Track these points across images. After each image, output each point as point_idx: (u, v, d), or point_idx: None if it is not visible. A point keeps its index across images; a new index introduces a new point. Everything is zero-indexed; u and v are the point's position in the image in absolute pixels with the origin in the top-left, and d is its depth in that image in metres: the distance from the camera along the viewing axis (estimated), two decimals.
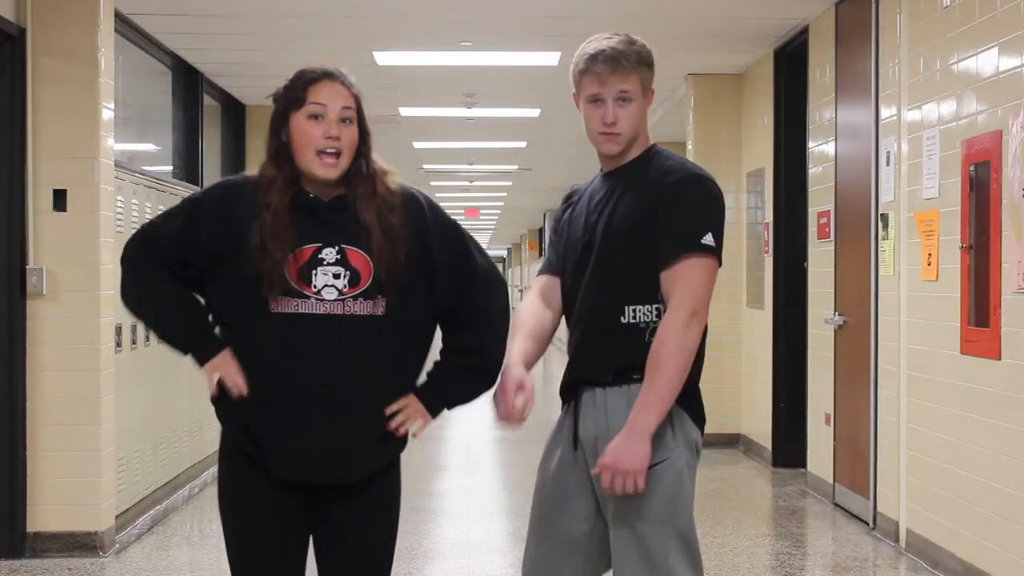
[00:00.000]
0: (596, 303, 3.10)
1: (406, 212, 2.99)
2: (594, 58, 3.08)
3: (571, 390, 3.18)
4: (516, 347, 3.13)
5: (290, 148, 2.94)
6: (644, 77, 3.12)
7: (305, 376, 2.86)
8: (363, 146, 2.99)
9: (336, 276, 2.89)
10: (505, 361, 3.05)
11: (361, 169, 2.97)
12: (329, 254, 2.90)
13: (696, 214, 3.06)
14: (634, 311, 3.06)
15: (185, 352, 3.00)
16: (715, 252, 3.04)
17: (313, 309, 2.87)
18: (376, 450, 2.96)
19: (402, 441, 3.02)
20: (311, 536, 3.03)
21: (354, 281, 2.90)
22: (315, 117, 2.92)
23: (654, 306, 3.06)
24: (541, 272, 3.30)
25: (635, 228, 3.05)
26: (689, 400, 3.14)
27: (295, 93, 2.95)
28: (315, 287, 2.88)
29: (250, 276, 2.87)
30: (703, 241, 3.02)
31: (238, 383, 2.89)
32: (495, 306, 3.09)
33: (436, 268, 2.99)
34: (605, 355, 3.09)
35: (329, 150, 2.91)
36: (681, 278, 3.00)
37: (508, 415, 3.07)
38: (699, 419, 3.19)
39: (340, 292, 2.89)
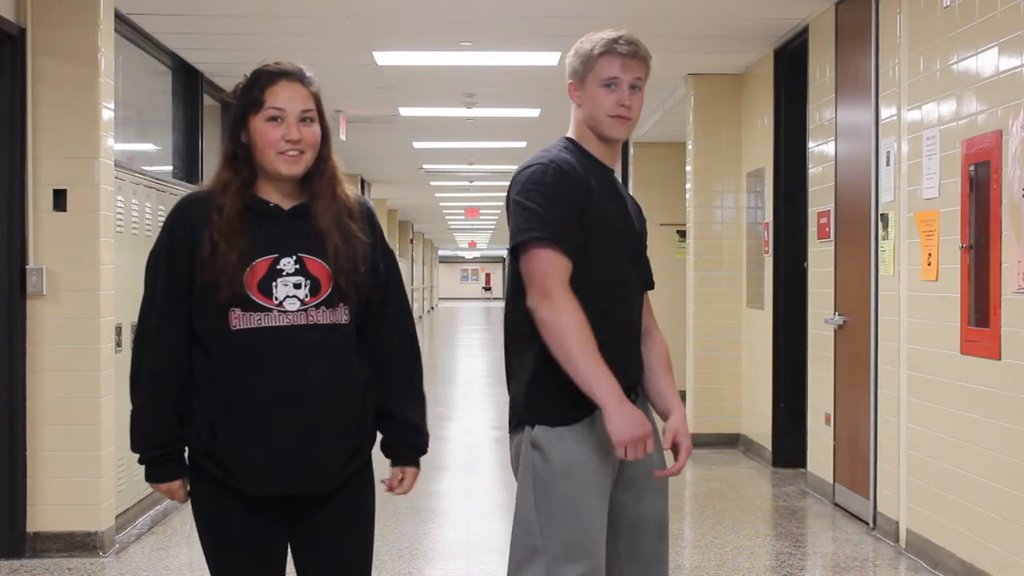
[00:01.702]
0: (639, 311, 3.22)
1: (363, 218, 2.97)
2: (615, 41, 3.11)
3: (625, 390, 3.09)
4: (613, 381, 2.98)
5: (250, 150, 2.89)
6: (648, 72, 3.17)
7: (271, 389, 2.82)
8: (324, 147, 2.95)
9: (297, 286, 2.84)
10: (612, 392, 2.94)
11: (320, 170, 2.93)
12: (288, 264, 2.85)
13: None
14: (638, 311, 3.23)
15: (140, 463, 2.99)
16: None
17: (276, 322, 2.83)
18: (346, 457, 2.92)
19: (370, 443, 3.00)
20: (289, 545, 3.00)
21: (315, 290, 2.85)
22: (274, 119, 2.87)
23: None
24: (555, 242, 3.01)
25: (644, 240, 3.29)
26: None
27: (252, 96, 2.89)
28: (276, 299, 2.83)
29: (207, 288, 2.81)
30: None
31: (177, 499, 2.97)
32: (409, 332, 3.07)
33: (377, 281, 2.97)
34: (638, 351, 3.23)
35: (291, 152, 2.87)
36: (650, 307, 3.30)
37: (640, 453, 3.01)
38: None
39: (302, 302, 2.84)
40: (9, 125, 6.09)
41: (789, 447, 8.62)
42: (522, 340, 3.10)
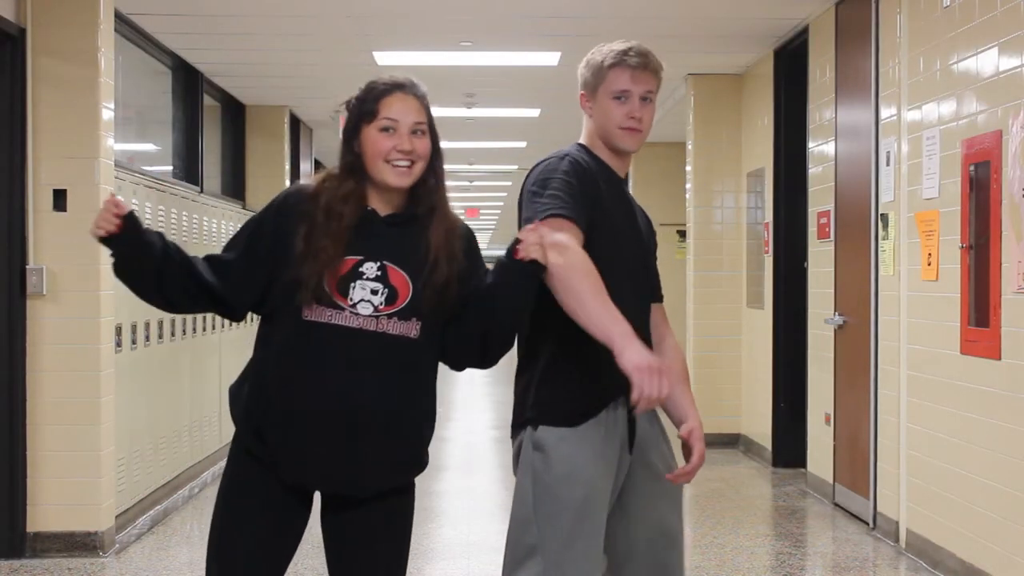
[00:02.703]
0: (647, 308, 3.23)
1: (464, 239, 3.00)
2: (625, 53, 3.11)
3: (621, 390, 3.01)
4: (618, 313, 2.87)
5: (362, 159, 2.93)
6: (659, 85, 3.19)
7: (325, 387, 2.85)
8: (435, 160, 2.98)
9: (374, 292, 2.87)
10: (624, 329, 2.83)
11: (429, 183, 2.96)
12: (370, 268, 2.88)
13: None
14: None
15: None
16: None
17: (345, 322, 2.85)
18: (389, 470, 2.94)
19: (419, 466, 3.01)
20: (326, 548, 3.01)
21: (391, 299, 2.87)
22: (386, 130, 2.92)
23: None
24: (571, 217, 2.96)
25: (653, 251, 3.33)
26: None
27: (367, 106, 2.95)
28: (351, 300, 2.85)
29: (292, 282, 2.85)
30: None
31: (100, 219, 2.84)
32: None
33: (470, 289, 2.96)
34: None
35: (401, 163, 2.90)
36: (666, 318, 3.35)
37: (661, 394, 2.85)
38: None
39: (375, 308, 2.86)
40: (9, 125, 6.09)
41: (789, 447, 8.62)
42: (534, 341, 3.11)
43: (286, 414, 2.87)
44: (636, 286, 3.15)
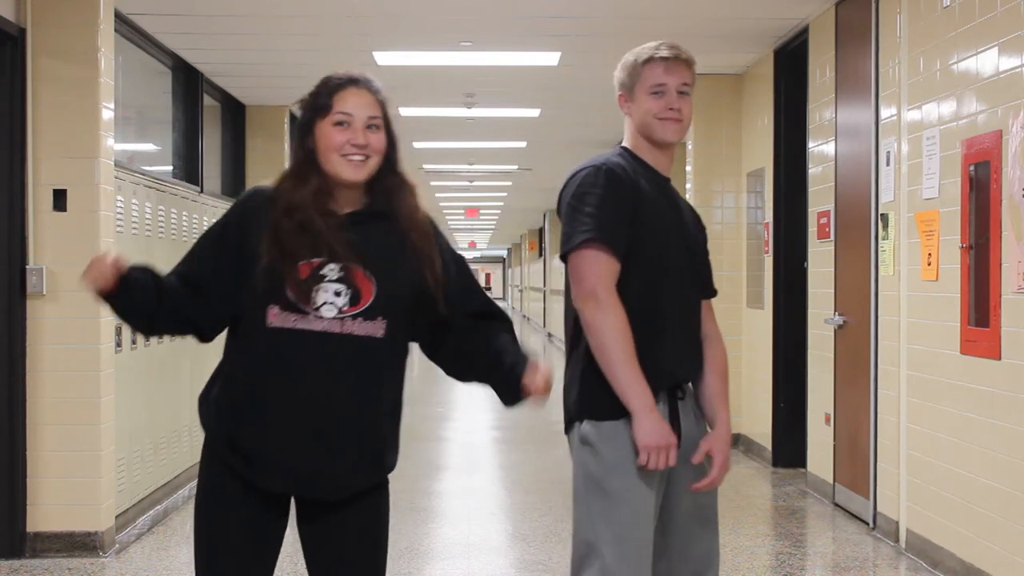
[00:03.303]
0: (699, 305, 3.30)
1: (432, 232, 2.99)
2: (657, 48, 3.19)
3: (669, 390, 3.18)
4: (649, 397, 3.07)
5: (315, 154, 2.90)
6: (694, 78, 3.24)
7: (295, 392, 2.82)
8: (392, 155, 2.96)
9: (337, 294, 2.84)
10: (644, 400, 3.04)
11: (388, 180, 2.95)
12: (332, 270, 2.84)
13: None
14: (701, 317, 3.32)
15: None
16: None
17: (310, 326, 2.82)
18: (362, 471, 2.91)
19: (391, 464, 2.99)
20: (306, 554, 2.98)
21: (355, 300, 2.85)
22: (340, 124, 2.90)
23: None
24: (609, 244, 3.07)
25: (703, 248, 3.37)
26: None
27: (321, 100, 2.92)
28: (315, 303, 2.82)
29: (256, 289, 2.83)
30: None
31: (96, 275, 2.79)
32: (502, 314, 3.10)
33: (445, 283, 2.95)
34: (700, 357, 3.30)
35: (355, 156, 2.89)
36: (713, 315, 3.38)
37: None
38: None
39: (339, 310, 2.83)
40: (9, 125, 6.09)
41: (789, 447, 8.62)
42: (575, 339, 3.18)
43: (258, 422, 2.84)
44: (684, 283, 3.21)
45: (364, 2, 7.51)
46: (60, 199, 6.15)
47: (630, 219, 3.08)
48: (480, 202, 25.99)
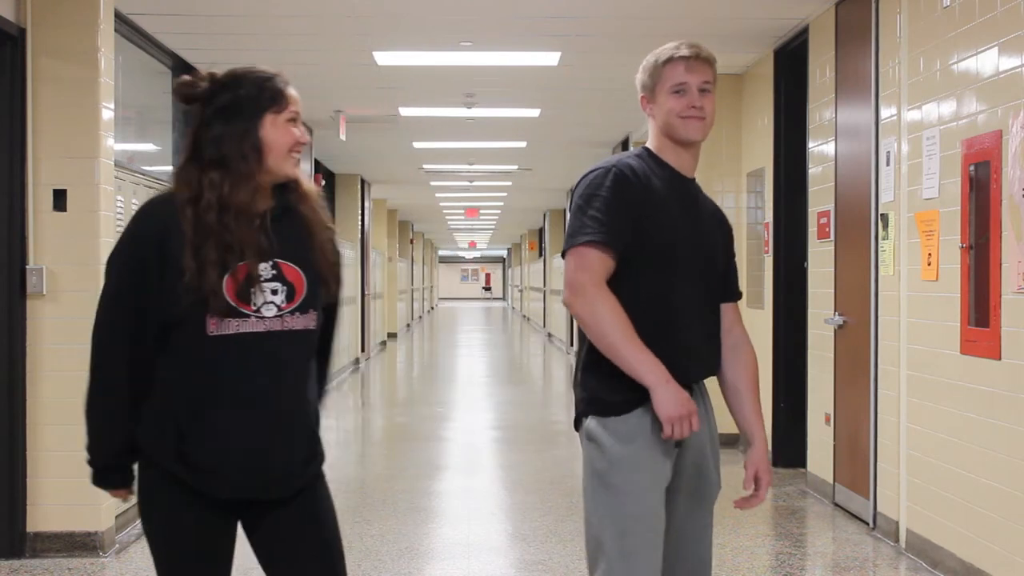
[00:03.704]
0: (715, 305, 3.27)
1: (327, 215, 3.00)
2: (677, 47, 3.18)
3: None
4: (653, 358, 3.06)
5: (261, 151, 2.83)
6: (715, 76, 3.24)
7: (247, 394, 2.79)
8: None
9: (274, 292, 2.82)
10: (657, 373, 3.03)
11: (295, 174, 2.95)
12: (265, 269, 2.82)
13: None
14: (719, 318, 3.30)
15: (90, 466, 2.92)
16: None
17: (253, 328, 2.79)
18: (310, 461, 2.91)
19: (323, 448, 2.99)
20: (260, 555, 2.96)
21: (290, 296, 2.84)
22: (294, 121, 2.88)
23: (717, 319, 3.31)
24: (608, 243, 3.08)
25: (724, 249, 3.33)
26: None
27: (273, 95, 2.86)
28: (254, 305, 2.80)
29: (182, 294, 2.75)
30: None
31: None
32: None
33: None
34: (719, 355, 3.28)
35: (297, 154, 2.89)
36: (740, 318, 3.37)
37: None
38: None
39: (279, 308, 2.82)
40: (9, 125, 6.09)
41: (789, 447, 8.62)
42: (581, 338, 3.19)
43: (209, 431, 2.79)
44: (694, 284, 3.18)
45: (364, 2, 7.51)
46: (60, 199, 6.15)
47: (634, 222, 3.08)
48: (480, 202, 25.99)
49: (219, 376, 2.79)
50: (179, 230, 2.77)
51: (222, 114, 2.86)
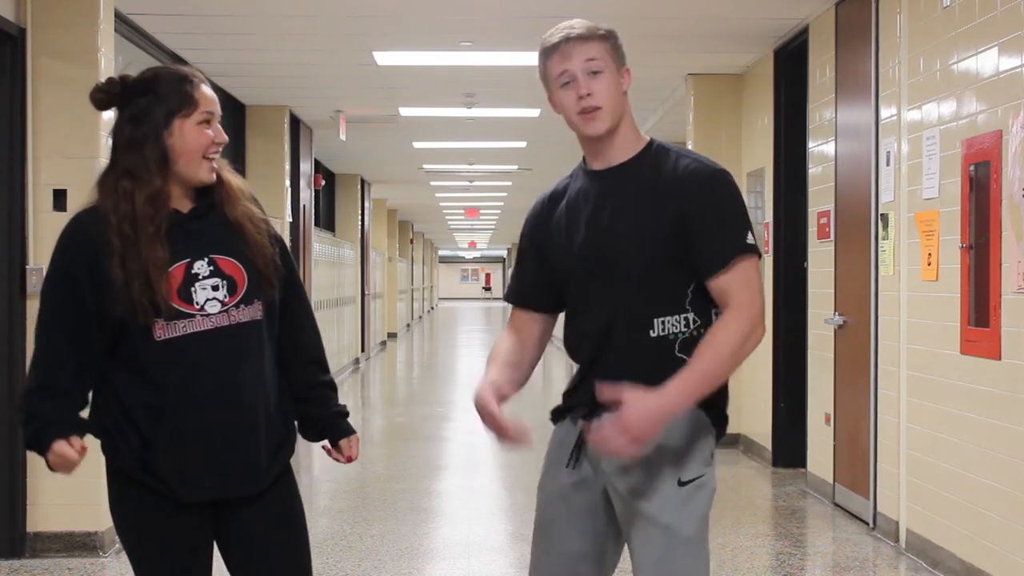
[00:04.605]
0: (621, 317, 2.83)
1: (256, 204, 2.98)
2: (549, 35, 2.97)
3: (586, 408, 2.88)
4: (490, 375, 2.92)
5: (172, 155, 2.79)
6: (608, 48, 2.92)
7: (205, 393, 2.78)
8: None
9: (215, 288, 2.81)
10: (476, 390, 2.89)
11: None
12: (201, 267, 2.80)
13: (735, 213, 2.83)
14: (663, 323, 2.81)
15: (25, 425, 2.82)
16: (758, 251, 2.84)
17: (200, 326, 2.78)
18: (272, 455, 2.89)
19: (294, 439, 2.98)
20: (221, 551, 2.95)
21: (232, 289, 2.82)
22: (207, 123, 2.83)
23: (682, 316, 2.82)
24: (512, 303, 3.10)
25: (657, 235, 2.81)
26: (720, 415, 2.93)
27: (183, 97, 2.80)
28: (197, 304, 2.79)
29: (124, 303, 2.73)
30: (748, 241, 2.80)
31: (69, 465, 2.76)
32: (310, 313, 3.12)
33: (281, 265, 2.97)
34: (636, 371, 2.79)
35: (214, 157, 2.85)
36: (737, 283, 2.77)
37: (508, 433, 2.86)
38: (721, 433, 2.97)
39: (222, 303, 2.81)
40: (9, 125, 6.09)
41: (789, 447, 8.62)
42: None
43: (171, 435, 2.78)
44: (599, 290, 2.87)
45: (364, 2, 7.51)
46: (60, 199, 6.15)
47: (539, 262, 3.01)
48: (480, 202, 25.99)
49: (173, 380, 2.77)
50: (106, 241, 2.77)
51: (131, 121, 2.82)
